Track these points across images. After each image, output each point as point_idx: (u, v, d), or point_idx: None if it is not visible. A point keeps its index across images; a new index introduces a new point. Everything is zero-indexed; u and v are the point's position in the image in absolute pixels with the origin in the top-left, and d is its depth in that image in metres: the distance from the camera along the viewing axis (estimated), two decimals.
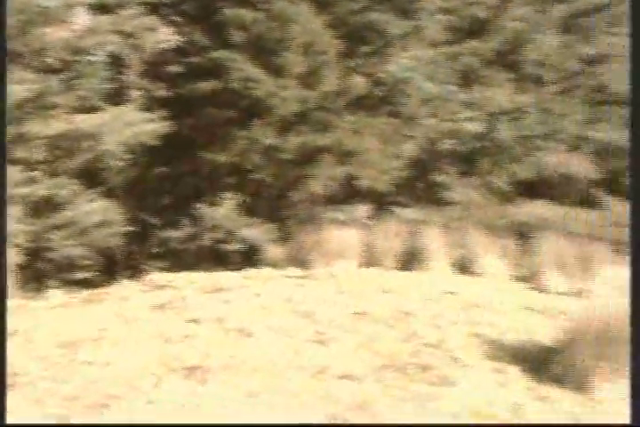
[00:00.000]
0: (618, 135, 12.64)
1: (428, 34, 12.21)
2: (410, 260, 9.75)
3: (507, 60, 13.27)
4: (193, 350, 6.03)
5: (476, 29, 13.29)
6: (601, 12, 13.75)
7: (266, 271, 9.58)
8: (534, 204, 11.93)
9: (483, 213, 11.47)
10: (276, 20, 11.43)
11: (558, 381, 5.70)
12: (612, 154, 12.71)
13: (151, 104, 11.54)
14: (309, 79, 11.70)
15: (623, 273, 9.28)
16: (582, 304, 7.08)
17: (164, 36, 11.85)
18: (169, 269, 10.10)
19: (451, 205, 11.72)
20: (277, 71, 11.49)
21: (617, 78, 13.21)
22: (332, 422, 4.86)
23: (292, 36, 11.40)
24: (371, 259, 9.78)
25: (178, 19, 12.18)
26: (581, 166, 12.23)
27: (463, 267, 9.76)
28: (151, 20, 11.34)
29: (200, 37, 11.90)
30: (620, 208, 11.95)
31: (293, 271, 9.44)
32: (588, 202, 12.35)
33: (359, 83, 11.89)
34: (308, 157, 11.57)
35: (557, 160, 12.14)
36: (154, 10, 11.57)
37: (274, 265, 9.98)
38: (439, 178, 11.90)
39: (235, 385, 5.33)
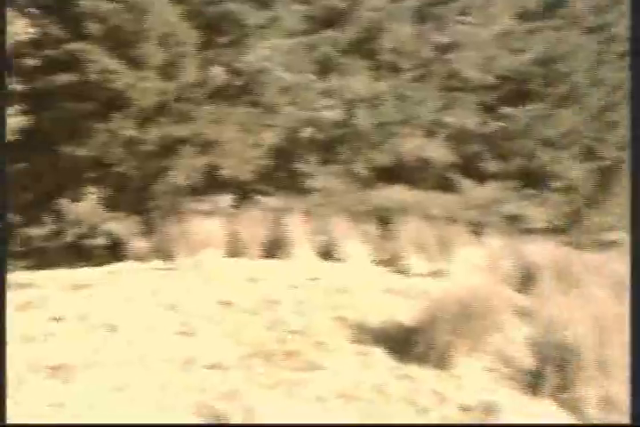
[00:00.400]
0: (471, 120, 13.09)
1: (286, 24, 12.26)
2: (274, 248, 9.85)
3: (363, 48, 13.46)
4: (56, 348, 5.94)
5: (333, 19, 13.44)
6: (452, 1, 14.16)
7: (130, 265, 9.51)
8: (394, 189, 12.18)
9: (344, 200, 11.64)
10: (132, 11, 11.25)
11: (420, 359, 5.92)
12: (466, 138, 13.15)
13: (7, 98, 11.19)
14: (168, 70, 11.57)
15: (479, 253, 9.71)
16: (441, 284, 7.35)
17: (20, 29, 11.49)
18: (33, 268, 9.87)
19: (312, 192, 11.85)
20: (136, 63, 11.32)
21: (468, 65, 13.67)
22: (201, 411, 4.90)
23: (149, 28, 11.25)
24: (235, 248, 9.81)
25: (33, 10, 11.82)
26: (438, 151, 12.58)
27: (326, 253, 9.93)
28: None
29: (56, 29, 11.59)
30: (475, 191, 12.42)
31: (158, 264, 9.40)
32: (445, 185, 12.72)
33: (218, 73, 11.85)
34: (170, 148, 11.47)
35: (414, 145, 12.44)
36: (8, 1, 11.19)
37: (139, 258, 9.90)
38: (300, 166, 12.02)
39: (101, 381, 5.29)
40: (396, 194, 11.95)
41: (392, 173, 12.51)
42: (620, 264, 9.98)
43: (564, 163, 13.70)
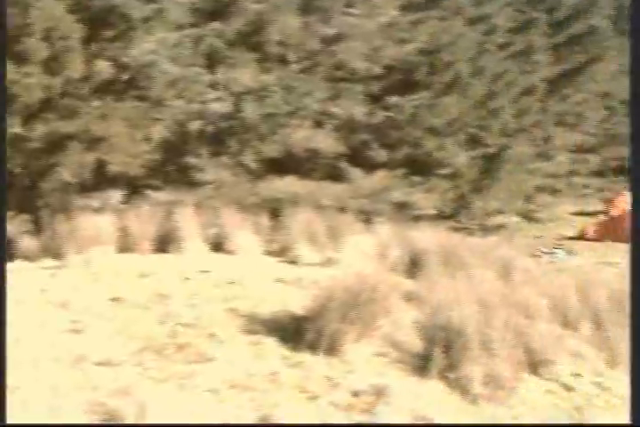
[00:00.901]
0: (358, 110, 13.30)
1: (172, 16, 12.19)
2: (165, 242, 9.80)
3: (250, 40, 13.50)
4: None
5: (219, 11, 13.43)
6: None
7: (19, 264, 9.32)
8: (284, 180, 12.31)
9: (234, 192, 11.70)
10: (14, 5, 11.00)
11: (312, 347, 6.01)
12: (354, 128, 13.37)
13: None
14: (53, 65, 11.38)
15: (368, 241, 9.90)
16: (331, 273, 7.47)
17: None
18: None
19: (203, 185, 11.86)
20: (20, 58, 11.09)
21: (355, 56, 13.88)
22: (93, 409, 4.89)
23: (33, 22, 11.02)
24: (126, 244, 9.73)
25: None
26: (326, 141, 12.76)
27: (218, 245, 9.95)
28: None
29: None
30: (364, 180, 12.65)
31: (48, 262, 9.24)
32: (334, 175, 12.92)
33: (104, 67, 11.71)
34: (57, 144, 11.29)
35: (303, 136, 12.58)
36: None
37: (28, 258, 9.71)
38: (190, 159, 12.00)
39: None
40: (286, 185, 12.07)
41: (282, 165, 12.62)
42: (505, 247, 10.35)
43: (449, 150, 14.07)
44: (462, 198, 14.53)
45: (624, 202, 21.41)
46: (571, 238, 19.63)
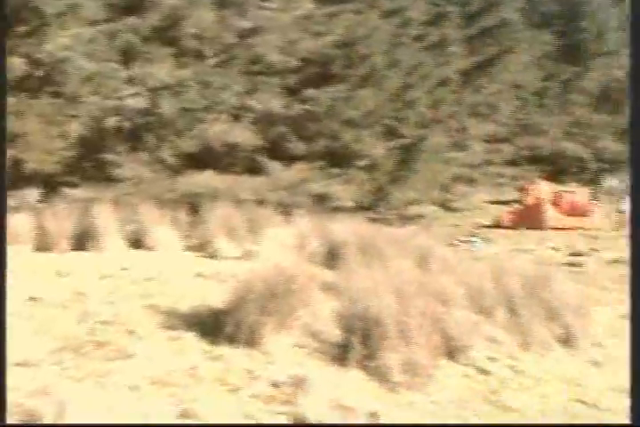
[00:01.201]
0: (276, 103, 13.36)
1: (86, 12, 12.06)
2: (83, 240, 9.72)
3: (166, 35, 13.44)
4: None
5: (134, 6, 13.32)
6: None
7: None
8: (203, 175, 12.30)
9: (153, 188, 11.66)
10: None
11: (231, 340, 6.06)
12: (272, 121, 13.42)
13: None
14: None
15: (288, 233, 9.99)
16: (250, 266, 7.52)
17: None
18: None
19: (121, 181, 11.79)
20: None
21: (271, 49, 13.91)
22: (12, 410, 4.87)
23: None
24: (44, 243, 9.62)
25: None
26: (244, 135, 12.78)
27: (136, 242, 9.90)
28: None
29: None
30: (282, 173, 12.72)
31: None
32: (253, 169, 12.95)
33: (18, 64, 11.54)
34: None
35: (220, 131, 12.59)
36: None
37: None
38: (107, 155, 11.90)
39: None
40: (204, 180, 12.07)
41: (200, 159, 12.61)
42: (423, 236, 10.54)
43: (366, 142, 14.23)
44: (380, 189, 14.71)
45: (537, 190, 21.98)
46: (487, 227, 20.03)
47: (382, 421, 5.38)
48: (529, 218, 20.28)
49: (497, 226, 20.22)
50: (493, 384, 6.45)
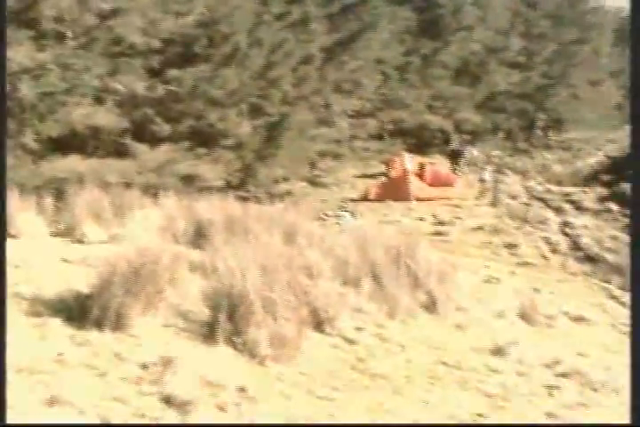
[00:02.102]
0: (139, 85, 13.28)
1: None
2: None
3: (24, 17, 13.12)
4: None
5: None
6: None
7: None
8: (68, 159, 12.13)
9: (16, 174, 11.43)
10: None
11: (98, 324, 6.07)
12: (136, 103, 13.34)
13: None
14: None
15: (155, 215, 10.03)
16: (117, 249, 7.54)
17: None
18: None
19: None
20: None
21: (132, 30, 13.79)
22: None
23: None
24: None
25: None
26: (108, 118, 12.66)
27: None
28: None
29: None
30: (149, 154, 12.70)
31: None
32: (119, 151, 12.87)
33: None
34: None
35: (83, 114, 12.42)
36: None
37: None
38: None
39: None
40: (69, 164, 11.92)
41: (65, 144, 12.44)
42: (291, 213, 10.76)
43: (231, 121, 14.33)
44: (248, 168, 14.84)
45: (402, 163, 22.57)
46: (354, 200, 20.41)
47: (251, 394, 5.56)
48: (395, 190, 20.79)
49: (364, 199, 20.66)
50: (361, 353, 6.75)
